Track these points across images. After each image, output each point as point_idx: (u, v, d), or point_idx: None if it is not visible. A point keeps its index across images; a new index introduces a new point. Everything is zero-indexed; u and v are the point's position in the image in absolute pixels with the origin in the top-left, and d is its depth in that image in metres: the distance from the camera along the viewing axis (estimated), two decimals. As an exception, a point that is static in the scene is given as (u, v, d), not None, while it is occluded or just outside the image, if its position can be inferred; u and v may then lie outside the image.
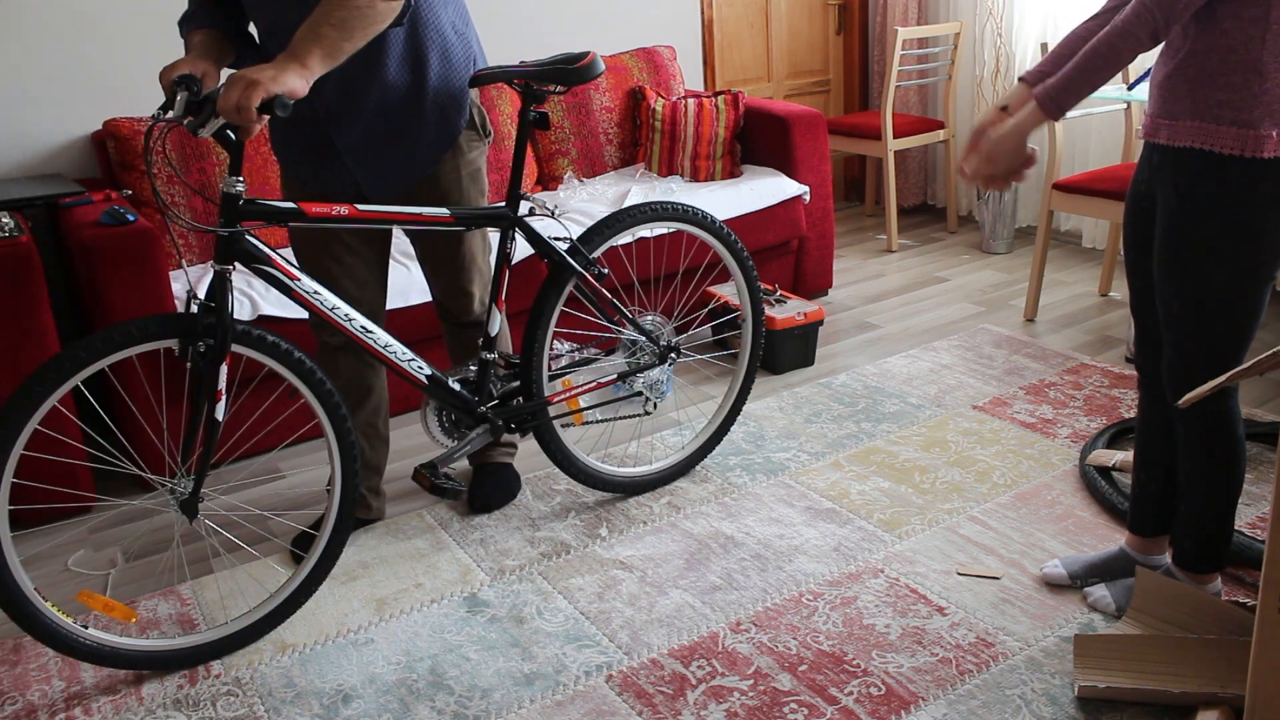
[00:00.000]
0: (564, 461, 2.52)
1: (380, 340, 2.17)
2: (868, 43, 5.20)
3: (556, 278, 2.39)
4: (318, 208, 2.03)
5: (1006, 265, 4.35)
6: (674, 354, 2.62)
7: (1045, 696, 1.90)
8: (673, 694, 1.96)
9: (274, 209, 1.99)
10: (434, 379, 2.27)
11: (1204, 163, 1.77)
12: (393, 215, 2.12)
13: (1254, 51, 1.70)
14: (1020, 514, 2.49)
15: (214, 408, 1.98)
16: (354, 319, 2.13)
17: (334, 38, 1.89)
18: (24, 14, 3.13)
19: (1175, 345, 1.89)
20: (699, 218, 2.55)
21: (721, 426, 2.77)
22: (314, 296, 2.08)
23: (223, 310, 1.94)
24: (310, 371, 2.06)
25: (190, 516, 2.03)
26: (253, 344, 2.01)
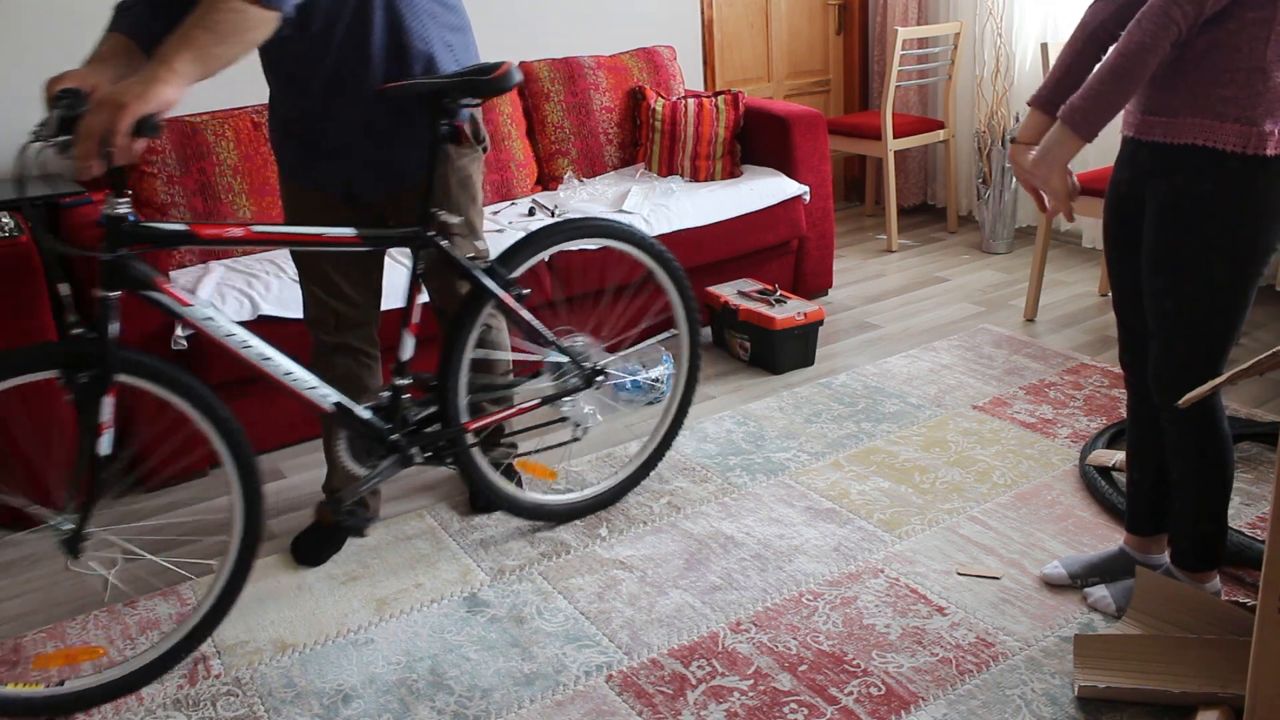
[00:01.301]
0: (486, 490, 2.41)
1: (280, 368, 2.05)
2: (868, 43, 5.20)
3: (473, 300, 2.26)
4: (210, 229, 1.92)
5: (1006, 265, 4.35)
6: (601, 377, 2.47)
7: (1045, 696, 1.90)
8: (673, 694, 1.96)
9: (162, 232, 1.88)
10: (340, 407, 2.14)
11: (1204, 159, 1.77)
12: (292, 236, 2.02)
13: (1258, 50, 1.70)
14: (1020, 514, 2.49)
15: (97, 442, 1.85)
16: (251, 346, 2.01)
17: (206, 41, 1.78)
18: (23, 14, 3.13)
19: (1164, 344, 1.89)
20: (626, 233, 2.43)
21: (659, 449, 2.66)
22: (206, 324, 1.96)
23: (104, 339, 1.83)
24: (205, 400, 1.95)
25: (72, 555, 1.90)
26: (141, 373, 1.89)
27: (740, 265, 3.75)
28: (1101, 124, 1.77)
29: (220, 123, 3.21)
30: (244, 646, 2.16)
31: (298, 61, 2.14)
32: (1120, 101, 1.75)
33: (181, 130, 3.16)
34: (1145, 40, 1.70)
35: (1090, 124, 1.77)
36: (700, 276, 3.68)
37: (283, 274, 2.97)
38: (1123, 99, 1.75)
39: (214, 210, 3.17)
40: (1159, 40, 1.69)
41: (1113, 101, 1.75)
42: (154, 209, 3.11)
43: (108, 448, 1.87)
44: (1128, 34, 1.73)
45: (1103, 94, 1.75)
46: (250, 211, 3.22)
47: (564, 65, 3.89)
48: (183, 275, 3.02)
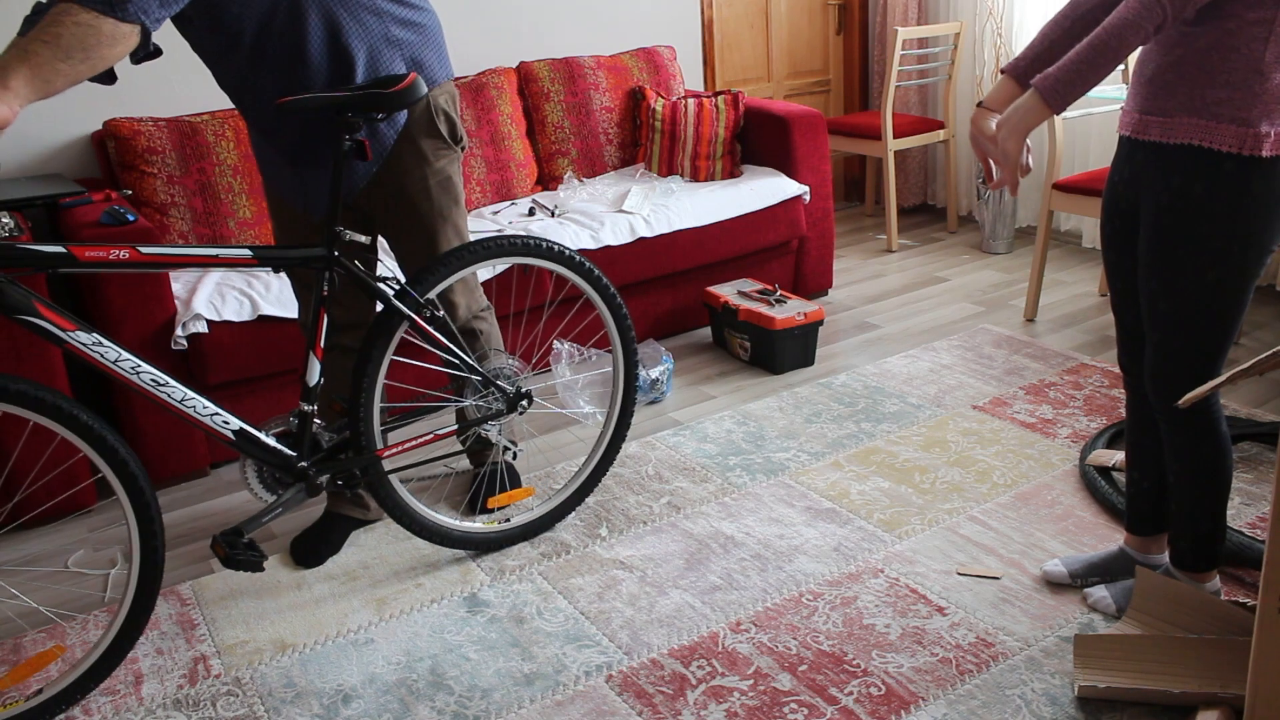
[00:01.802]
0: (404, 518, 2.30)
1: (176, 395, 1.94)
2: (868, 43, 5.20)
3: (385, 322, 2.16)
4: (92, 251, 1.80)
5: (1006, 265, 4.35)
6: (525, 401, 2.38)
7: (1045, 696, 1.90)
8: (673, 694, 1.96)
9: (38, 253, 1.75)
10: (242, 434, 2.04)
11: (1200, 160, 1.77)
12: (186, 259, 1.89)
13: (1256, 51, 1.70)
14: (1020, 514, 2.49)
15: None
16: (142, 371, 1.90)
17: (47, 56, 1.63)
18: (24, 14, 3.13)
19: (1160, 344, 1.89)
20: (549, 251, 2.32)
21: (595, 473, 2.56)
22: (93, 349, 1.84)
23: None
24: (88, 427, 1.83)
25: None
26: (16, 400, 1.77)
27: (740, 265, 3.76)
28: (1072, 98, 1.76)
29: (220, 123, 3.21)
30: (244, 646, 2.16)
31: (237, 77, 2.09)
32: (1094, 78, 1.74)
33: (181, 130, 3.16)
34: (1130, 19, 1.69)
35: (1061, 96, 1.75)
36: (700, 276, 3.68)
37: (283, 275, 2.97)
38: (1097, 75, 1.74)
39: (214, 210, 3.17)
40: (1143, 22, 1.69)
41: (1087, 77, 1.74)
42: (154, 209, 3.11)
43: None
44: (1114, 14, 1.72)
45: (1078, 68, 1.73)
46: (250, 212, 3.22)
47: (564, 65, 3.89)
48: (183, 274, 3.02)
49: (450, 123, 2.28)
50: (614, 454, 2.57)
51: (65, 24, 1.64)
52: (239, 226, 3.20)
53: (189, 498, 2.80)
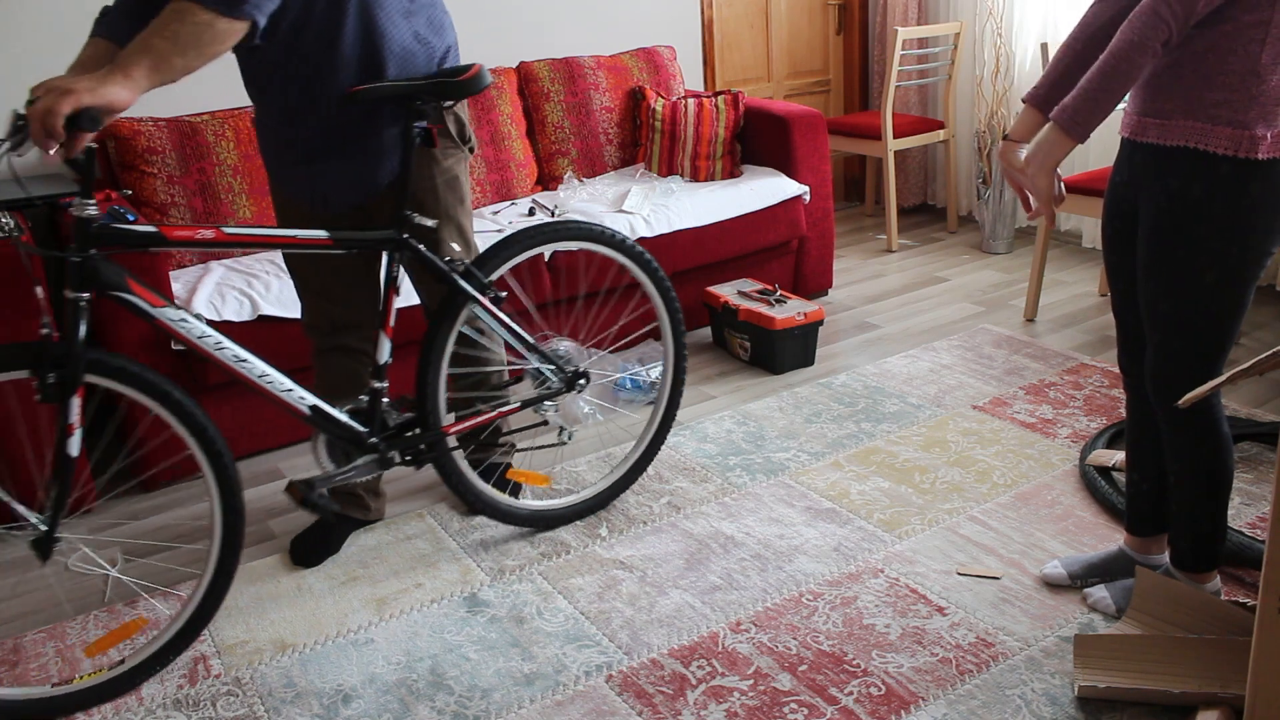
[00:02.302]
0: (467, 495, 2.39)
1: (255, 370, 2.03)
2: (868, 43, 5.20)
3: (450, 303, 2.25)
4: (180, 231, 1.91)
5: (1006, 265, 4.35)
6: (583, 380, 2.46)
7: (1045, 696, 1.90)
8: (673, 694, 1.96)
9: (131, 233, 1.88)
10: (317, 410, 2.12)
11: (1196, 162, 1.77)
12: (265, 238, 2.00)
13: (1253, 54, 1.70)
14: (1020, 514, 2.49)
15: (66, 443, 1.85)
16: (225, 348, 1.99)
17: (165, 50, 1.79)
18: (24, 14, 3.13)
19: (1160, 345, 1.89)
20: (606, 236, 2.41)
21: (645, 454, 2.64)
22: (180, 325, 1.94)
23: (72, 340, 1.81)
24: (178, 403, 1.92)
25: (42, 558, 1.91)
26: (110, 374, 1.87)
27: (740, 265, 3.76)
28: (1093, 125, 1.77)
29: (220, 123, 3.21)
30: (244, 646, 2.16)
31: (267, 69, 2.11)
32: (1111, 102, 1.75)
33: (181, 130, 3.16)
34: (1135, 40, 1.70)
35: (1081, 125, 1.77)
36: (700, 276, 3.68)
37: (282, 274, 2.97)
38: (1113, 100, 1.75)
39: (214, 210, 3.17)
40: (1149, 40, 1.69)
41: (1103, 102, 1.75)
42: (154, 209, 3.11)
43: (76, 449, 1.86)
44: (1119, 35, 1.73)
45: (1093, 95, 1.75)
46: (250, 212, 3.22)
47: (564, 65, 3.89)
48: (183, 275, 3.02)
49: (460, 123, 2.31)
50: (664, 434, 2.65)
51: (185, 22, 1.79)
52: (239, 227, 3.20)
53: (189, 498, 2.80)
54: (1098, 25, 1.90)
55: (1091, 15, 1.92)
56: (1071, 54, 1.93)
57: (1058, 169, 1.85)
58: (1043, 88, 1.96)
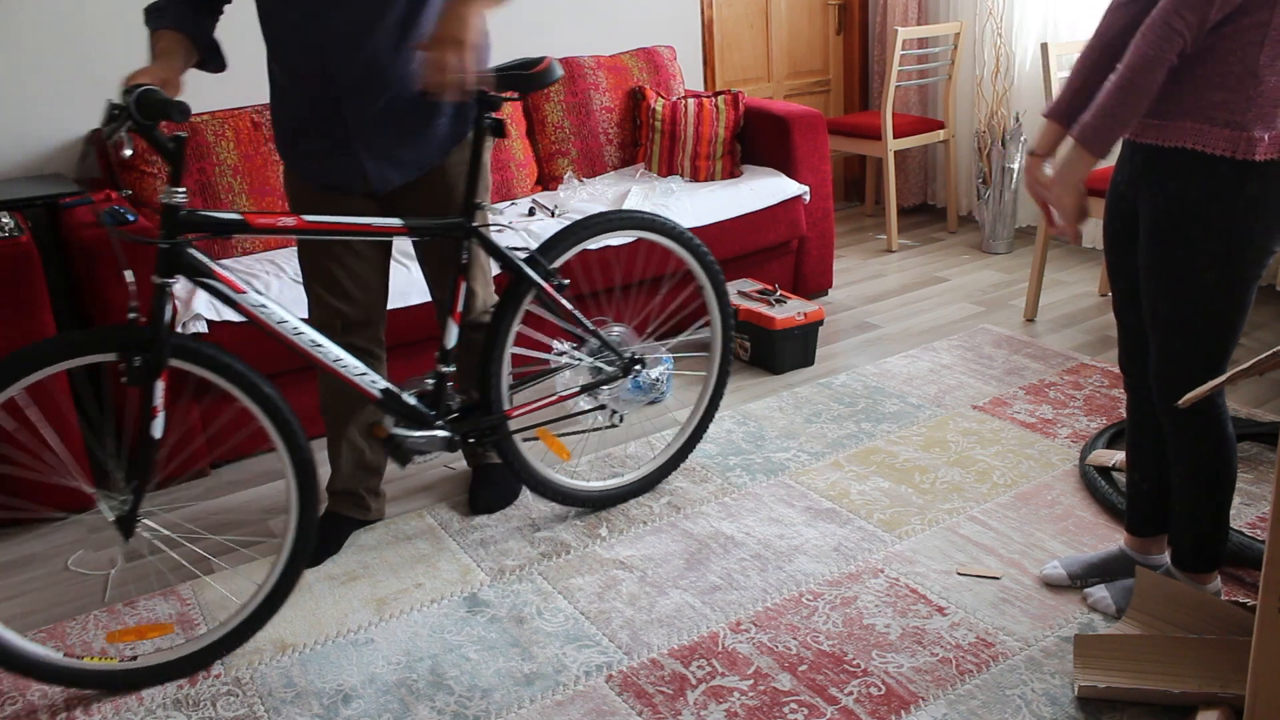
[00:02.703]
0: (527, 476, 2.46)
1: (330, 355, 2.10)
2: (868, 43, 5.20)
3: (515, 289, 2.32)
4: (263, 219, 1.98)
5: (1006, 265, 4.35)
6: (638, 366, 2.54)
7: (1045, 696, 1.90)
8: (673, 694, 1.96)
9: (217, 220, 1.94)
10: (387, 392, 2.20)
11: (1195, 163, 1.77)
12: (342, 226, 2.06)
13: (1251, 56, 1.70)
14: (1020, 514, 2.49)
15: (150, 424, 1.90)
16: (303, 333, 2.06)
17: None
18: (24, 14, 3.13)
19: (1162, 346, 1.89)
20: (663, 226, 2.48)
21: (692, 437, 2.70)
22: (260, 310, 2.01)
23: (159, 324, 1.88)
24: (256, 386, 1.98)
25: (125, 534, 1.96)
26: (194, 358, 1.94)
27: (740, 265, 3.76)
28: (1113, 140, 1.78)
29: (220, 123, 3.21)
30: (244, 646, 2.16)
31: (332, 43, 2.12)
32: (1130, 117, 1.76)
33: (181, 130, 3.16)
34: (1150, 53, 1.70)
35: (1102, 141, 1.78)
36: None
37: (283, 274, 2.97)
38: (1133, 114, 1.75)
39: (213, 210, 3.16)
40: (1164, 52, 1.70)
41: (1122, 117, 1.76)
42: (154, 209, 3.11)
43: (160, 431, 1.93)
44: (1133, 48, 1.73)
45: (1112, 110, 1.76)
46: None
47: (564, 65, 3.89)
48: (183, 275, 3.01)
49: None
50: (710, 416, 2.72)
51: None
52: (239, 226, 3.20)
53: (189, 498, 2.80)
54: (1113, 34, 1.90)
55: (1106, 25, 1.91)
56: (1090, 65, 1.93)
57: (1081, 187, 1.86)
58: (1063, 101, 1.96)
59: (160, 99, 1.80)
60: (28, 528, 2.68)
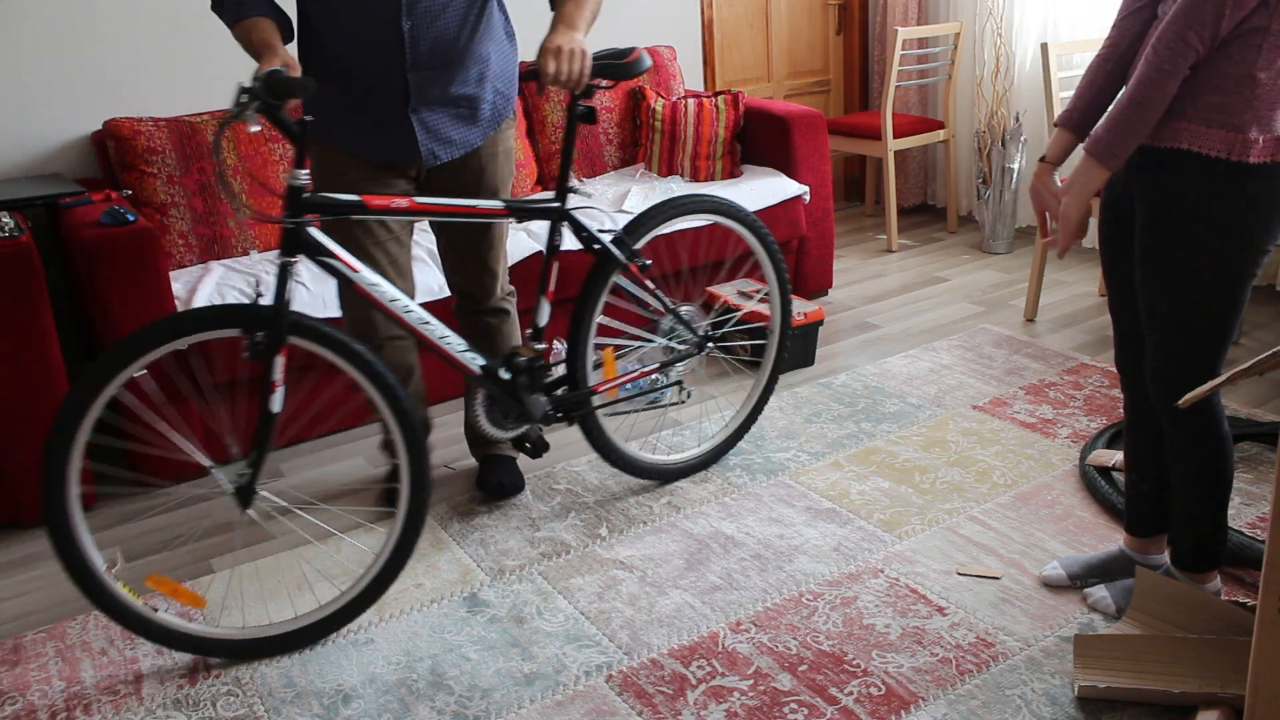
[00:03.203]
0: (606, 450, 2.57)
1: (436, 332, 2.21)
2: (868, 43, 5.20)
3: (602, 269, 2.43)
4: (378, 200, 2.08)
5: (1006, 265, 4.35)
6: (711, 343, 2.66)
7: (1045, 696, 1.90)
8: (673, 694, 1.96)
9: (337, 201, 2.03)
10: (486, 369, 2.30)
11: (1191, 164, 1.77)
12: (451, 207, 2.18)
13: (1249, 59, 1.70)
14: (1020, 514, 2.49)
15: (270, 399, 1.99)
16: (412, 310, 2.16)
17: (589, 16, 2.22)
18: (24, 14, 3.13)
19: (1160, 345, 1.89)
20: (736, 211, 2.61)
21: (752, 413, 2.82)
22: (374, 289, 2.10)
23: (280, 303, 1.96)
24: (369, 364, 2.06)
25: (244, 505, 2.04)
26: (311, 336, 2.02)
27: (740, 265, 3.76)
28: (1127, 153, 1.79)
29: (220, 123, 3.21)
30: (244, 646, 2.16)
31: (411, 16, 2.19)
32: (1143, 129, 1.76)
33: (181, 130, 3.16)
34: (1164, 66, 1.71)
35: (1115, 155, 1.79)
36: (700, 276, 3.68)
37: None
38: (1146, 127, 1.76)
39: (214, 210, 3.17)
40: (1177, 65, 1.71)
41: (1136, 130, 1.77)
42: (154, 209, 3.11)
43: (279, 405, 1.99)
44: (1145, 61, 1.73)
45: (1125, 123, 1.77)
46: (249, 212, 3.22)
47: (564, 65, 3.89)
48: (183, 274, 3.02)
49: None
50: (770, 390, 2.83)
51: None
52: (239, 227, 3.20)
53: (189, 498, 2.80)
54: (1125, 43, 1.90)
55: (1117, 33, 1.91)
56: (1103, 73, 1.93)
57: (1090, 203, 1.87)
58: (1075, 109, 1.96)
59: (286, 78, 1.86)
60: (28, 528, 2.68)
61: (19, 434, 2.58)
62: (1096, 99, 1.94)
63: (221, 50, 3.42)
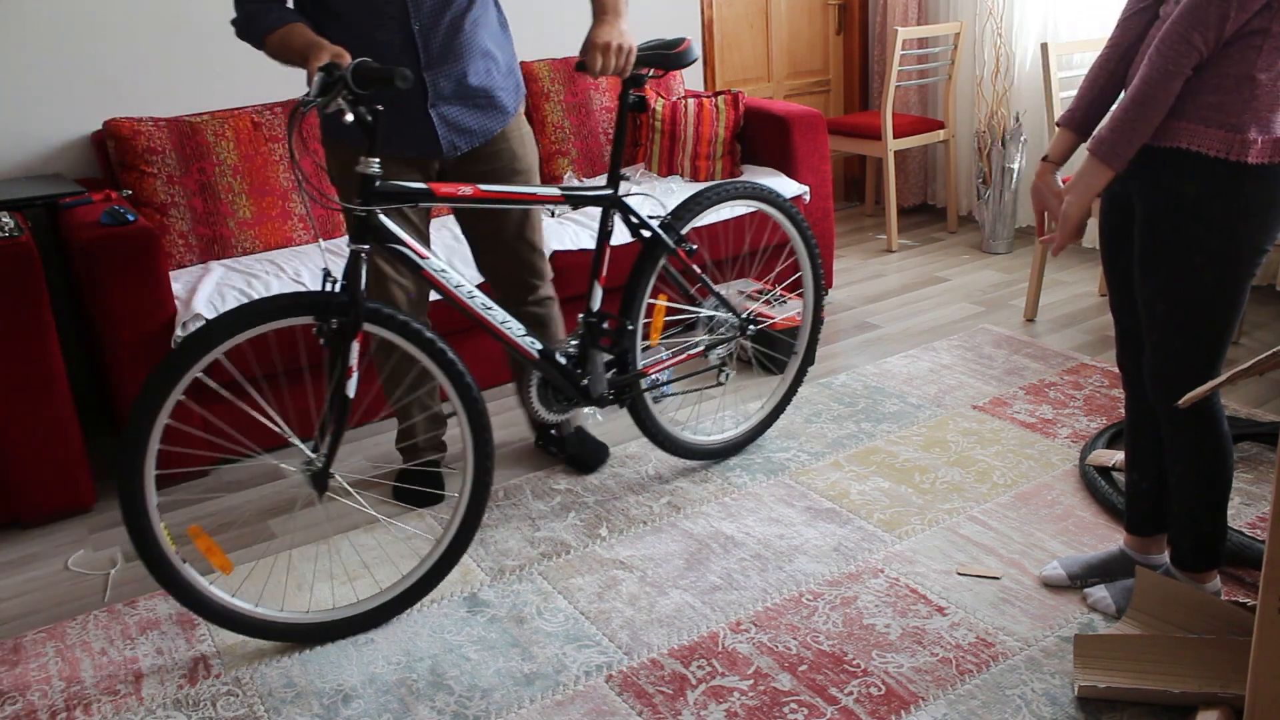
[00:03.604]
0: (653, 432, 2.64)
1: (498, 318, 2.27)
2: (868, 43, 5.20)
3: (651, 253, 2.49)
4: (445, 188, 2.14)
5: (1006, 265, 4.35)
6: (752, 326, 2.75)
7: (1045, 696, 1.90)
8: (673, 694, 1.96)
9: (407, 190, 2.09)
10: (544, 353, 2.38)
11: (1190, 163, 1.77)
12: (512, 195, 2.24)
13: (1249, 59, 1.71)
14: (1020, 514, 2.49)
15: (345, 384, 2.03)
16: (476, 297, 2.22)
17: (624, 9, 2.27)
18: (24, 14, 3.13)
19: (1159, 344, 1.89)
20: (775, 198, 2.68)
21: (791, 387, 2.89)
22: (441, 274, 2.17)
23: (356, 289, 2.00)
24: (441, 351, 2.12)
25: (320, 491, 2.09)
26: (384, 323, 2.07)
27: (740, 265, 3.76)
28: (1130, 153, 1.79)
29: (220, 123, 3.21)
30: (244, 646, 2.16)
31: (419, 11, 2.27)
32: (1146, 130, 1.77)
33: (181, 130, 3.16)
34: (1168, 67, 1.71)
35: (1119, 155, 1.79)
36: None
37: (282, 274, 2.97)
38: (1149, 127, 1.76)
39: (214, 210, 3.17)
40: (1181, 65, 1.71)
41: (1139, 130, 1.77)
42: (154, 209, 3.11)
43: (353, 390, 2.04)
44: (1149, 61, 1.73)
45: (1129, 124, 1.77)
46: (250, 212, 3.22)
47: (564, 65, 3.89)
48: (183, 275, 3.02)
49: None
50: (805, 370, 2.91)
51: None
52: (239, 226, 3.20)
53: (189, 498, 2.80)
54: (1128, 43, 1.90)
55: (1120, 33, 1.91)
56: (1105, 73, 1.93)
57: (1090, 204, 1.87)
58: (1077, 109, 1.97)
59: (378, 67, 1.89)
60: (25, 528, 2.68)
61: (19, 434, 2.58)
62: (1099, 99, 1.94)
63: (221, 50, 3.42)
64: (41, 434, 2.60)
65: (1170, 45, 1.71)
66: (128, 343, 2.69)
